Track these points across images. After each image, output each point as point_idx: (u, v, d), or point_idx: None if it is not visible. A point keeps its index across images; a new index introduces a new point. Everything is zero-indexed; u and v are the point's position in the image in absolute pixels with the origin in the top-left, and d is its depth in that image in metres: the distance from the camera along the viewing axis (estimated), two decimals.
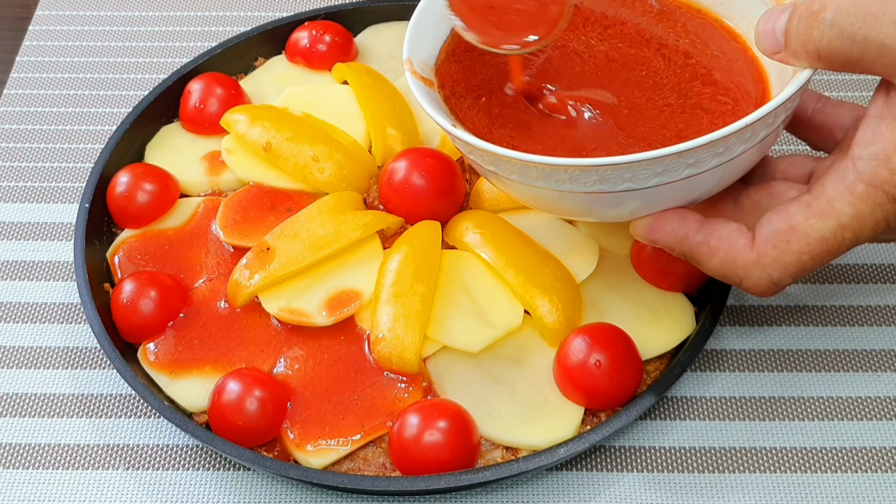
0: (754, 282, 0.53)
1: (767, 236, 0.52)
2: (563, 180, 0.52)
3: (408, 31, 0.61)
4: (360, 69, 0.78)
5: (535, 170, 0.52)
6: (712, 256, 0.54)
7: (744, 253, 0.53)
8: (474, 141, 0.53)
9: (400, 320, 0.62)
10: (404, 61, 0.60)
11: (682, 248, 0.55)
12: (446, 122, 0.55)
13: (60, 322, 0.70)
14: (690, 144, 0.48)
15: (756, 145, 0.52)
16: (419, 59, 0.61)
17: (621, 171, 0.50)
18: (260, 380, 0.61)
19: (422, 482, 0.57)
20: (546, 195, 0.54)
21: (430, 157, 0.70)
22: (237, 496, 0.61)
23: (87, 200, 0.70)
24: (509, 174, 0.54)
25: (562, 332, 0.63)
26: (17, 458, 0.63)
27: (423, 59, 0.61)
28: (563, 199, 0.54)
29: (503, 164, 0.53)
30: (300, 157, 0.71)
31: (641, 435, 0.63)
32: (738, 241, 0.53)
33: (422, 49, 0.62)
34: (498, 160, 0.53)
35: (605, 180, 0.51)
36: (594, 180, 0.51)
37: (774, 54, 0.52)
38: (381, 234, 0.69)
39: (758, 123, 0.49)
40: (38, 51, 0.90)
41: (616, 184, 0.51)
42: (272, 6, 0.94)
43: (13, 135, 0.82)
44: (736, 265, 0.53)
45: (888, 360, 0.67)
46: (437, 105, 0.58)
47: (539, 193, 0.55)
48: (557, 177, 0.51)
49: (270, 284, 0.65)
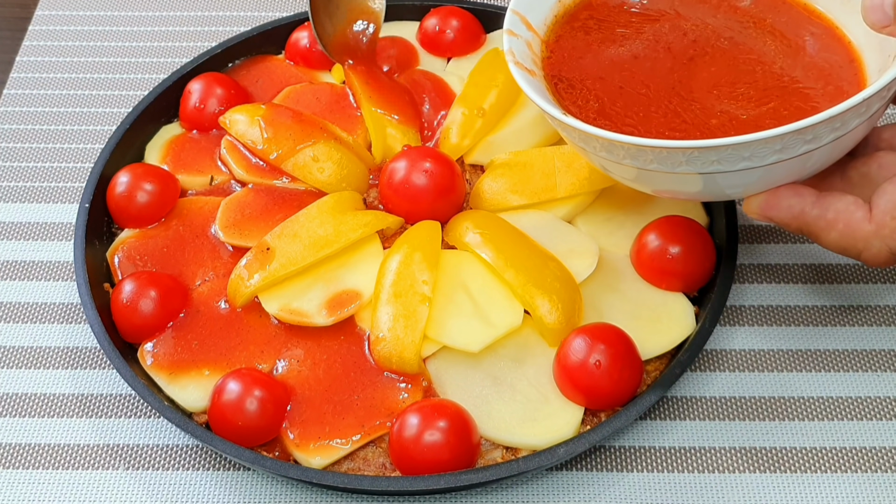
0: (874, 252, 0.53)
1: (886, 207, 0.52)
2: (679, 162, 0.52)
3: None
4: (359, 69, 0.78)
5: (651, 153, 0.52)
6: (831, 230, 0.54)
7: (862, 225, 0.53)
8: (587, 128, 0.54)
9: (400, 320, 0.62)
10: (509, 12, 0.61)
11: (798, 223, 0.55)
12: (556, 110, 0.56)
13: (60, 322, 0.70)
14: (811, 121, 0.49)
15: (868, 118, 0.53)
16: (526, 16, 0.62)
17: (740, 151, 0.50)
18: (260, 380, 0.61)
19: (422, 482, 0.57)
20: (660, 178, 0.55)
21: (430, 157, 0.70)
22: (237, 496, 0.61)
23: (87, 200, 0.70)
24: (622, 159, 0.54)
25: (562, 332, 0.63)
26: (17, 458, 0.63)
27: (531, 18, 0.62)
28: (677, 181, 0.55)
29: (617, 150, 0.54)
30: (300, 156, 0.71)
31: (641, 435, 0.63)
32: (855, 213, 0.53)
33: (531, 6, 0.63)
34: (611, 146, 0.53)
35: (724, 160, 0.51)
36: (713, 160, 0.51)
37: (884, 28, 0.53)
38: (381, 234, 0.69)
39: (873, 98, 0.50)
40: (38, 51, 0.90)
41: (735, 163, 0.51)
42: (272, 6, 0.94)
43: (13, 135, 0.82)
44: (855, 237, 0.53)
45: (888, 360, 0.67)
46: (541, 91, 0.59)
47: (653, 176, 0.55)
48: (675, 159, 0.52)
49: (270, 284, 0.65)
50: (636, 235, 0.68)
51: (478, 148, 0.74)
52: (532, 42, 0.62)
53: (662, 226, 0.67)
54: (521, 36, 0.61)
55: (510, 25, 0.62)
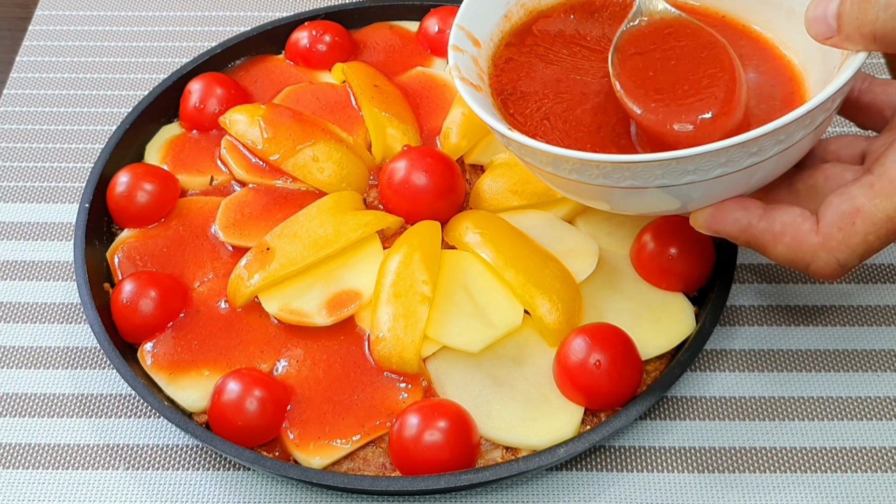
0: (821, 265, 0.53)
1: (832, 219, 0.52)
2: (625, 177, 0.52)
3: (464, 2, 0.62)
4: (359, 69, 0.78)
5: (596, 168, 0.52)
6: (777, 243, 0.54)
7: (809, 237, 0.53)
8: (530, 142, 0.54)
9: (400, 320, 0.62)
10: (454, 27, 0.61)
11: (745, 236, 0.55)
12: (501, 125, 0.55)
13: (60, 322, 0.70)
14: (755, 133, 0.49)
15: (814, 130, 0.52)
16: (472, 32, 0.62)
17: (685, 164, 0.50)
18: (260, 380, 0.61)
19: (422, 482, 0.57)
20: (604, 192, 0.55)
21: (430, 157, 0.70)
22: (237, 496, 0.61)
23: (87, 200, 0.70)
24: (567, 173, 0.54)
25: (562, 332, 0.63)
26: (17, 458, 0.63)
27: (477, 34, 0.62)
28: (623, 196, 0.55)
29: (562, 164, 0.53)
30: (300, 156, 0.71)
31: (641, 435, 0.63)
32: (802, 225, 0.53)
33: (476, 22, 0.62)
34: (556, 160, 0.53)
35: (669, 174, 0.51)
36: (658, 174, 0.51)
37: (826, 39, 0.53)
38: (381, 234, 0.69)
39: (817, 110, 0.50)
40: (38, 51, 0.90)
41: (680, 176, 0.51)
42: (272, 6, 0.94)
43: (13, 135, 0.82)
44: (802, 250, 0.53)
45: (888, 360, 0.67)
46: (487, 106, 0.58)
47: (598, 191, 0.55)
48: (620, 174, 0.52)
49: (270, 284, 0.65)
50: (636, 235, 0.68)
51: (478, 148, 0.74)
52: (478, 57, 0.62)
53: (662, 226, 0.67)
54: (466, 51, 0.61)
55: (455, 41, 0.61)
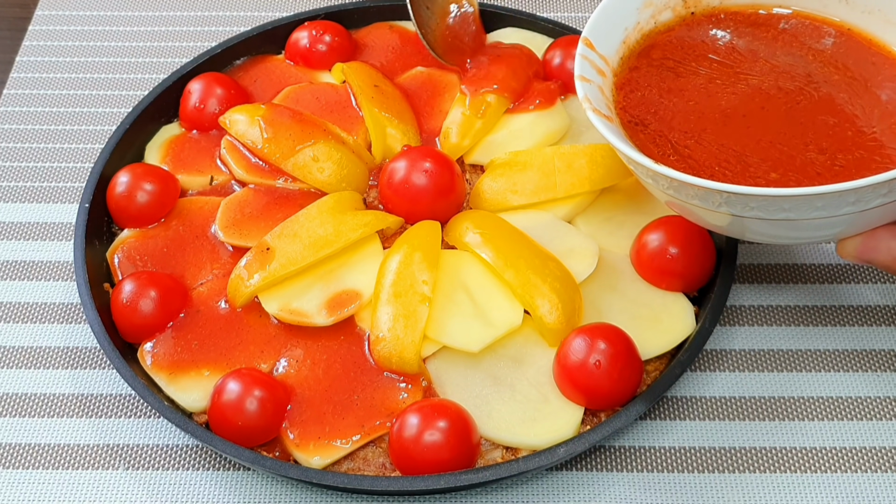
0: None
1: None
2: (782, 209, 0.51)
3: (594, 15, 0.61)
4: (359, 69, 0.78)
5: (752, 201, 0.51)
6: None
7: None
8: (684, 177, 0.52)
9: (400, 320, 0.62)
10: (581, 40, 0.60)
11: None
12: (647, 160, 0.54)
13: (60, 322, 0.70)
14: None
15: None
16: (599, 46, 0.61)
17: (847, 196, 0.49)
18: (260, 380, 0.61)
19: (422, 482, 0.57)
20: (758, 224, 0.54)
21: (430, 157, 0.70)
22: (237, 496, 0.61)
23: (87, 200, 0.70)
24: (716, 206, 0.53)
25: (562, 332, 0.63)
26: (17, 458, 0.63)
27: (603, 50, 0.61)
28: (775, 227, 0.54)
29: (710, 197, 0.52)
30: (300, 156, 0.71)
31: (641, 435, 0.63)
32: None
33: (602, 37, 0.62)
34: (707, 193, 0.52)
35: (828, 206, 0.50)
36: (817, 206, 0.50)
37: None
38: (381, 234, 0.69)
39: None
40: (38, 51, 0.90)
41: (838, 208, 0.50)
42: (272, 6, 0.94)
43: (13, 135, 0.82)
44: None
45: (888, 360, 0.67)
46: (621, 137, 0.57)
47: (750, 223, 0.54)
48: (776, 206, 0.51)
49: (270, 284, 0.65)
50: (636, 235, 0.68)
51: (478, 148, 0.74)
52: (603, 86, 0.61)
53: (662, 226, 0.67)
54: (593, 81, 0.60)
55: (581, 71, 0.60)
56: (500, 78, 0.75)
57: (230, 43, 0.82)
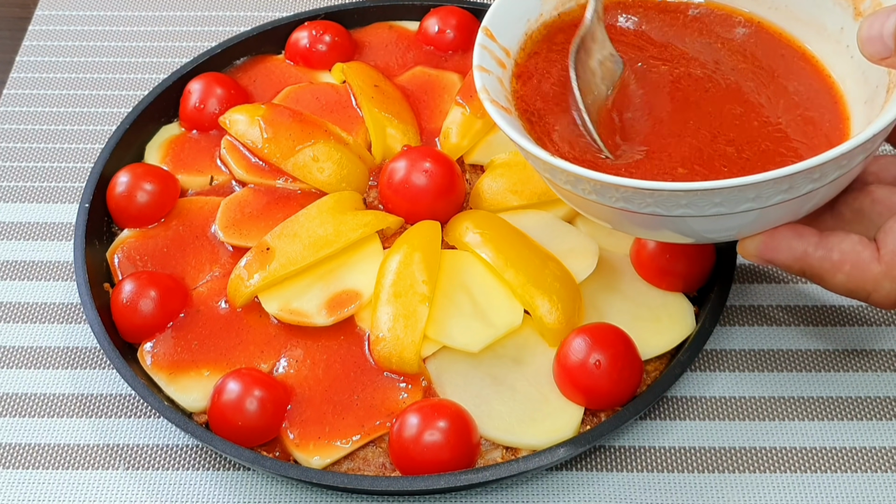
0: (884, 294, 0.51)
1: (894, 247, 0.50)
2: (679, 205, 0.49)
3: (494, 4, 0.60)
4: (359, 69, 0.78)
5: (649, 196, 0.49)
6: (837, 272, 0.51)
7: (871, 266, 0.51)
8: (580, 171, 0.50)
9: (400, 320, 0.62)
10: (481, 30, 0.58)
11: (801, 265, 0.52)
12: (543, 152, 0.52)
13: (60, 322, 0.70)
14: (822, 159, 0.46)
15: (871, 153, 0.51)
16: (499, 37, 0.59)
17: (746, 192, 0.48)
18: (260, 380, 0.61)
19: (422, 482, 0.57)
20: (652, 221, 0.52)
21: (430, 157, 0.70)
22: (237, 496, 0.61)
23: (87, 200, 0.70)
24: (613, 202, 0.51)
25: (562, 332, 0.63)
26: (17, 458, 0.63)
27: (504, 41, 0.60)
28: (674, 223, 0.52)
29: (608, 192, 0.50)
30: (300, 156, 0.71)
31: (641, 435, 0.63)
32: (862, 253, 0.51)
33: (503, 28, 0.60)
34: (603, 188, 0.50)
35: (728, 202, 0.48)
36: (716, 202, 0.48)
37: (882, 60, 0.50)
38: (381, 234, 0.69)
39: (881, 133, 0.48)
40: (38, 51, 0.90)
41: (737, 204, 0.49)
42: (272, 6, 0.94)
43: (13, 135, 0.82)
44: (864, 279, 0.51)
45: (888, 360, 0.67)
46: (518, 128, 0.55)
47: (644, 220, 0.52)
48: (674, 202, 0.49)
49: (270, 284, 0.65)
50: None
51: (478, 148, 0.74)
52: (503, 78, 0.60)
53: None
54: (492, 72, 0.58)
55: (480, 61, 0.58)
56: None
57: (230, 43, 0.82)
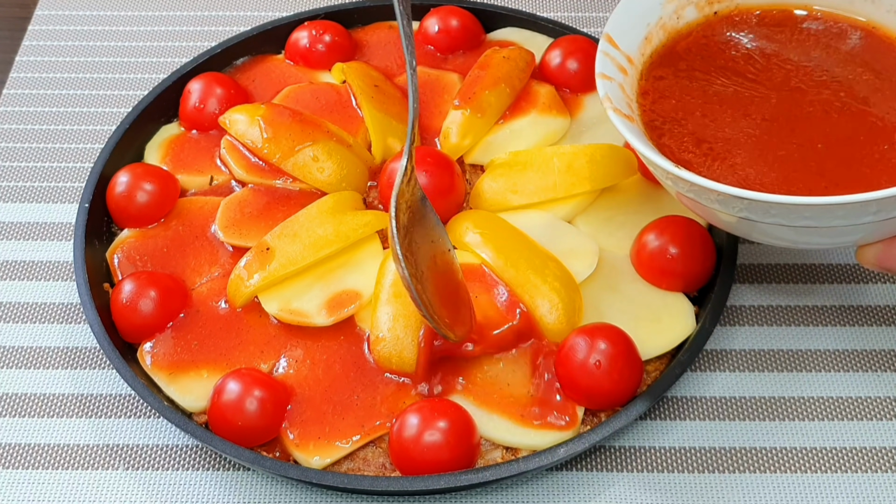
0: None
1: None
2: (803, 217, 0.51)
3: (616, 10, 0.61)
4: (359, 69, 0.78)
5: (773, 209, 0.50)
6: None
7: None
8: (703, 182, 0.51)
9: (400, 320, 0.62)
10: (603, 38, 0.59)
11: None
12: (667, 163, 0.53)
13: (60, 322, 0.70)
14: None
15: None
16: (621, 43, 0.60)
17: (869, 207, 0.49)
18: (260, 380, 0.61)
19: (422, 482, 0.57)
20: (774, 229, 0.53)
21: (430, 157, 0.70)
22: (237, 496, 0.61)
23: (87, 200, 0.70)
24: (737, 212, 0.52)
25: (562, 332, 0.63)
26: (17, 458, 0.63)
27: (625, 47, 0.61)
28: (796, 234, 0.53)
29: (731, 203, 0.51)
30: (300, 156, 0.71)
31: (641, 435, 0.63)
32: None
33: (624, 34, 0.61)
34: (727, 199, 0.51)
35: (849, 216, 0.50)
36: (838, 216, 0.50)
37: None
38: (381, 234, 0.69)
39: None
40: (38, 51, 0.90)
41: (860, 217, 0.50)
42: (272, 6, 0.94)
43: (13, 135, 0.82)
44: None
45: (888, 360, 0.67)
46: (641, 137, 0.56)
47: (764, 228, 0.53)
48: (798, 214, 0.50)
49: (270, 284, 0.65)
50: (636, 235, 0.68)
51: (478, 148, 0.74)
52: (625, 84, 0.60)
53: (662, 226, 0.67)
54: (614, 79, 0.59)
55: (602, 68, 0.59)
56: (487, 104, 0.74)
57: (230, 43, 0.82)
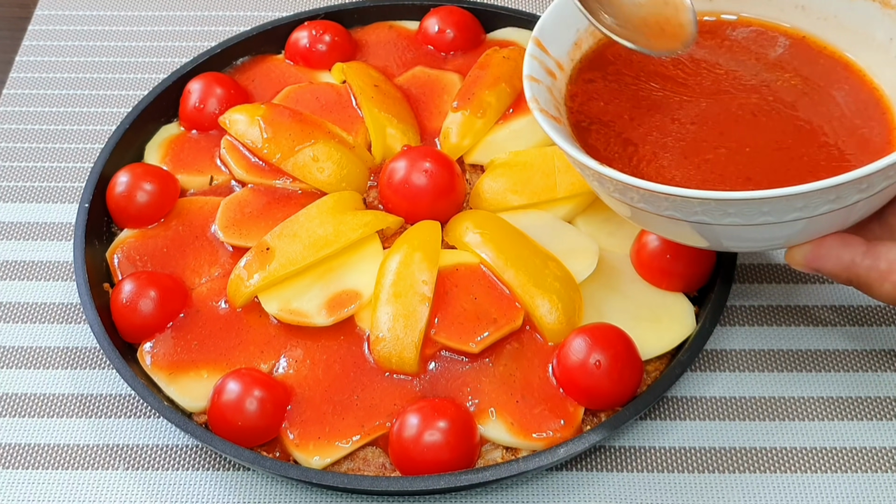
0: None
1: None
2: (727, 213, 0.50)
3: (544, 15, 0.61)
4: (359, 69, 0.78)
5: (698, 205, 0.50)
6: (884, 282, 0.52)
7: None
8: (628, 179, 0.51)
9: (400, 320, 0.62)
10: (528, 57, 0.59)
11: (848, 274, 0.53)
12: (591, 161, 0.53)
13: (60, 322, 0.70)
14: (869, 169, 0.47)
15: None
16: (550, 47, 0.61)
17: (794, 202, 0.49)
18: (260, 380, 0.61)
19: (422, 482, 0.57)
20: (702, 229, 0.53)
21: (430, 157, 0.70)
22: (237, 496, 0.61)
23: (87, 200, 0.70)
24: (662, 210, 0.52)
25: (562, 332, 0.63)
26: (17, 458, 0.63)
27: (554, 51, 0.61)
28: (720, 233, 0.53)
29: (656, 201, 0.52)
30: (300, 156, 0.71)
31: (641, 435, 0.63)
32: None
33: (553, 39, 0.61)
34: (652, 196, 0.51)
35: (775, 212, 0.50)
36: (764, 212, 0.50)
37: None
38: (381, 234, 0.69)
39: None
40: (38, 51, 0.90)
41: (785, 213, 0.50)
42: (272, 6, 0.94)
43: (13, 135, 0.82)
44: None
45: (888, 360, 0.67)
46: (568, 138, 0.57)
47: (694, 228, 0.53)
48: (722, 210, 0.50)
49: (270, 284, 0.65)
50: (636, 235, 0.68)
51: (478, 148, 0.74)
52: (553, 88, 0.61)
53: None
54: (542, 82, 0.59)
55: (530, 71, 0.59)
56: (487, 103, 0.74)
57: (230, 43, 0.82)
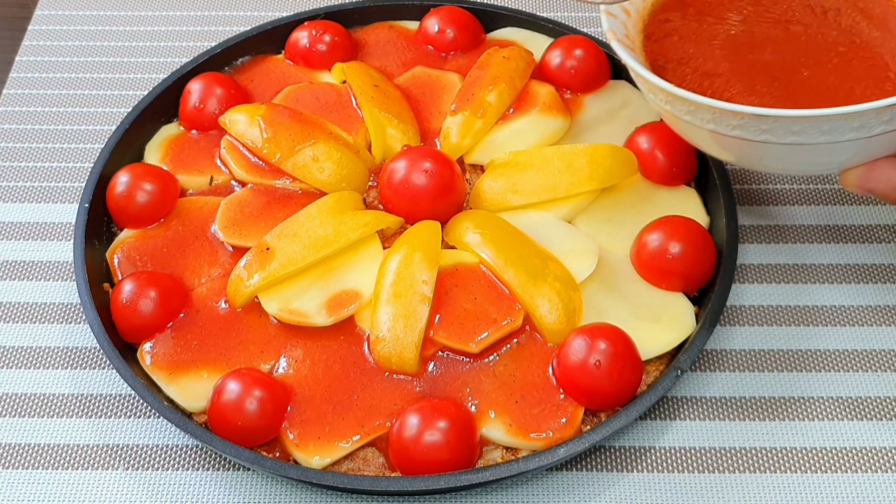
0: None
1: None
2: (791, 132, 0.53)
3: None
4: (359, 69, 0.78)
5: (763, 123, 0.53)
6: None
7: None
8: (699, 99, 0.54)
9: (400, 320, 0.62)
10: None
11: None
12: (666, 83, 0.56)
13: (60, 322, 0.70)
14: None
15: None
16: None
17: (851, 121, 0.51)
18: (260, 380, 0.61)
19: (422, 482, 0.57)
20: (764, 149, 0.56)
21: (430, 157, 0.70)
22: (237, 496, 0.61)
23: (87, 200, 0.70)
24: (730, 130, 0.55)
25: (562, 332, 0.63)
26: (17, 458, 0.63)
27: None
28: (781, 153, 0.56)
29: (725, 120, 0.54)
30: (300, 156, 0.71)
31: (641, 435, 0.63)
32: None
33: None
34: (721, 115, 0.54)
35: (834, 130, 0.52)
36: (824, 130, 0.52)
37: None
38: (381, 234, 0.69)
39: None
40: (37, 51, 0.90)
41: (843, 133, 0.53)
42: (272, 6, 0.94)
43: (13, 135, 0.82)
44: None
45: (888, 360, 0.67)
46: (641, 63, 0.59)
47: (756, 148, 0.56)
48: (787, 127, 0.53)
49: (270, 284, 0.65)
50: (636, 235, 0.68)
51: (478, 148, 0.74)
52: (627, 24, 0.63)
53: (662, 226, 0.67)
54: (618, 17, 0.62)
55: (608, 6, 0.62)
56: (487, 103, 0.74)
57: (230, 43, 0.82)
